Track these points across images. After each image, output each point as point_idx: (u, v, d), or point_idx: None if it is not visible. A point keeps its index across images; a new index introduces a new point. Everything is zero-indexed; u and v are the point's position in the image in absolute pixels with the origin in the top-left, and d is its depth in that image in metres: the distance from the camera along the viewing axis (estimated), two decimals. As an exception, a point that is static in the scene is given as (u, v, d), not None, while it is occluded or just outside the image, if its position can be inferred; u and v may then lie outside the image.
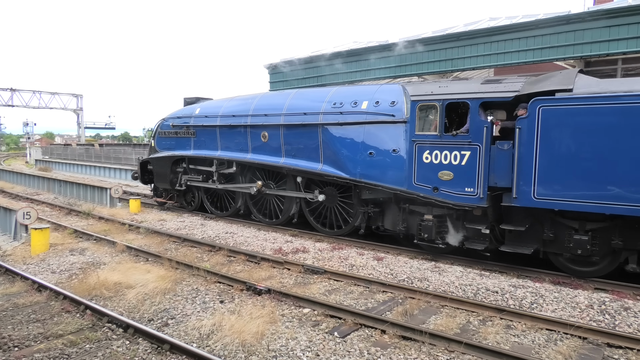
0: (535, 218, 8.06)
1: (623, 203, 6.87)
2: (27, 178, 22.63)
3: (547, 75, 8.31)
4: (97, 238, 10.81)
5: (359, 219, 10.33)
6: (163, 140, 14.81)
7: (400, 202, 9.50)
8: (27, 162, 41.47)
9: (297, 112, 10.93)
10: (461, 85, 8.75)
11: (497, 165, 8.00)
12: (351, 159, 9.88)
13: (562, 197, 7.35)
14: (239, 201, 12.97)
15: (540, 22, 12.83)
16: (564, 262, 8.02)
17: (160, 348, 5.29)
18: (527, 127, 7.56)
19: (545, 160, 7.46)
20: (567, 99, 7.29)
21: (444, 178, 8.48)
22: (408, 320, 6.10)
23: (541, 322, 5.99)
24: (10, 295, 7.12)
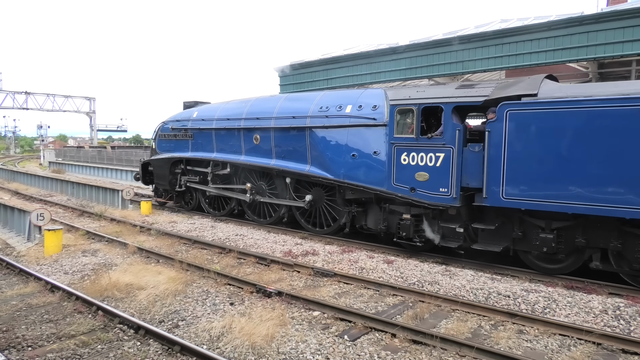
0: (506, 217, 8.36)
1: (585, 203, 7.17)
2: (41, 180, 22.95)
3: (516, 81, 8.65)
4: (109, 239, 10.91)
5: (344, 218, 10.76)
6: (163, 143, 15.41)
7: (381, 202, 9.91)
8: (41, 164, 42.06)
9: (287, 116, 11.41)
10: (437, 89, 9.16)
11: (469, 167, 8.35)
12: (335, 161, 10.33)
13: (529, 197, 7.66)
14: (233, 202, 13.51)
15: (552, 24, 12.70)
16: (532, 260, 8.33)
17: (170, 349, 5.31)
18: (495, 130, 7.90)
19: (513, 161, 7.79)
20: (532, 104, 7.66)
21: (420, 179, 8.86)
22: (419, 324, 6.06)
23: (554, 327, 5.90)
24: (24, 295, 7.21)
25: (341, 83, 17.53)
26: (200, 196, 14.53)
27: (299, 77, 19.07)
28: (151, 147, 16.52)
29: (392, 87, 11.38)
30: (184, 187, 14.54)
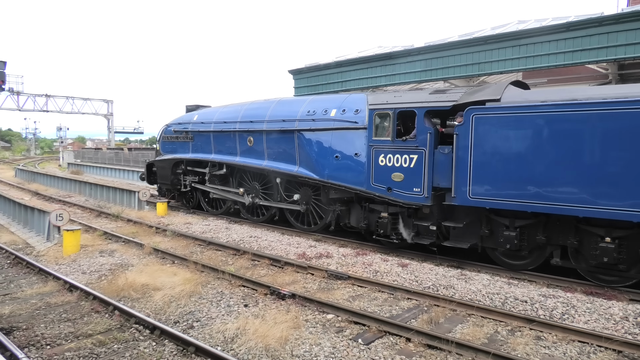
0: (474, 216, 8.81)
1: (543, 202, 7.58)
2: (60, 181, 23.38)
3: (483, 87, 9.16)
4: (125, 240, 11.05)
5: (329, 217, 11.29)
6: (166, 144, 16.16)
7: (361, 201, 10.41)
8: (60, 166, 42.86)
9: (278, 119, 12.00)
10: (413, 95, 9.71)
11: (439, 168, 8.82)
12: (320, 162, 10.88)
13: (493, 196, 8.10)
14: (229, 201, 14.25)
15: (571, 24, 12.50)
16: (499, 256, 8.77)
17: (185, 350, 5.35)
18: (463, 133, 8.36)
19: (478, 163, 8.23)
20: (495, 108, 8.10)
21: (396, 179, 9.35)
22: (433, 328, 6.00)
23: (573, 333, 5.78)
24: (44, 294, 7.34)
25: (356, 85, 17.49)
26: (200, 196, 15.28)
27: (313, 79, 19.10)
28: (155, 149, 17.37)
29: (373, 92, 11.88)
30: (189, 187, 15.12)
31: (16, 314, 6.48)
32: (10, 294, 7.39)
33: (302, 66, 19.55)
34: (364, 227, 10.36)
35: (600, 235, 7.49)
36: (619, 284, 7.57)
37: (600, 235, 7.49)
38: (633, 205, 6.81)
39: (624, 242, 7.36)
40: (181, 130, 15.34)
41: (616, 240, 7.35)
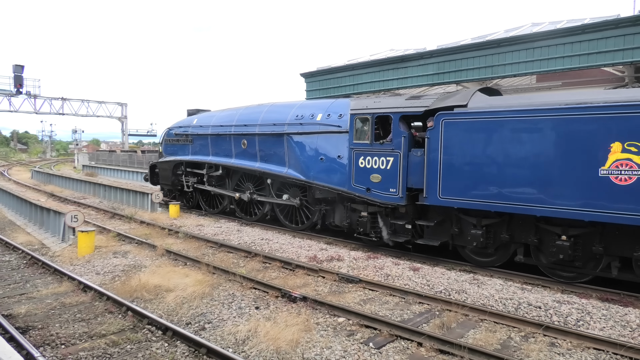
0: (445, 215, 9.29)
1: (506, 202, 8.03)
2: (75, 183, 23.73)
3: (453, 93, 9.77)
4: (138, 241, 11.17)
5: (315, 216, 11.85)
6: (168, 147, 17.00)
7: (344, 201, 10.92)
8: (75, 168, 43.48)
9: (269, 123, 12.65)
10: (390, 100, 10.17)
11: (413, 169, 9.31)
12: (307, 164, 11.48)
13: (461, 197, 8.56)
14: (226, 201, 14.91)
15: (586, 27, 12.34)
16: (468, 254, 9.24)
17: (197, 352, 5.38)
18: (433, 137, 8.85)
19: (447, 165, 8.71)
20: (462, 113, 8.61)
21: (374, 180, 9.81)
22: (445, 333, 5.95)
23: (588, 340, 5.69)
24: (59, 294, 7.45)
25: (367, 89, 17.48)
26: (198, 196, 15.96)
27: (325, 82, 19.12)
28: (158, 151, 18.15)
29: (357, 98, 12.29)
30: (190, 187, 15.78)
31: (32, 314, 6.59)
32: (27, 294, 7.52)
33: (314, 69, 19.60)
34: (346, 225, 10.92)
35: (558, 233, 7.89)
36: (576, 280, 8.00)
37: (558, 233, 7.89)
38: (584, 205, 7.26)
39: (579, 240, 7.79)
40: (182, 133, 16.12)
41: (572, 239, 7.77)
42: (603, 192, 7.08)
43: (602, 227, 7.53)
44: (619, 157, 6.97)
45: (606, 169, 7.07)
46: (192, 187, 15.73)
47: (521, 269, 8.69)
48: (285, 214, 12.91)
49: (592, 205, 7.20)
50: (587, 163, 7.22)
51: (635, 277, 7.44)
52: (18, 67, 38.71)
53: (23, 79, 39.75)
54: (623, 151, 6.92)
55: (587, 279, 7.90)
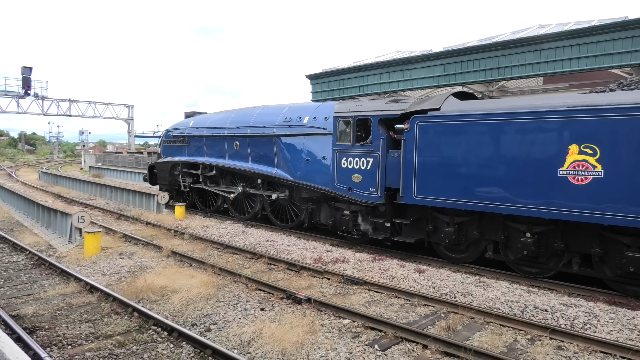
0: (420, 213, 9.74)
1: (475, 201, 8.44)
2: (82, 184, 23.87)
3: (428, 97, 10.24)
4: (144, 243, 11.22)
5: (303, 215, 12.33)
6: (166, 148, 17.56)
7: (328, 200, 11.41)
8: (82, 169, 43.75)
9: (259, 125, 13.18)
10: (371, 104, 10.55)
11: (391, 170, 9.71)
12: (294, 165, 11.98)
13: (435, 196, 8.99)
14: (220, 201, 15.49)
15: (594, 29, 12.28)
16: (442, 250, 9.66)
17: (202, 353, 5.39)
18: (409, 139, 9.28)
19: (422, 165, 9.15)
20: (435, 117, 9.02)
21: (355, 180, 10.24)
22: (451, 335, 5.93)
23: (595, 344, 5.65)
24: (65, 295, 7.49)
25: (373, 90, 17.47)
26: (195, 195, 16.50)
27: (330, 84, 19.14)
28: (157, 152, 18.81)
29: (341, 101, 12.55)
30: (188, 187, 16.28)
31: (39, 314, 6.63)
32: (34, 294, 7.57)
33: (319, 71, 19.61)
34: (330, 223, 11.45)
35: (523, 231, 8.31)
36: (540, 275, 8.39)
37: (523, 231, 8.31)
38: (545, 204, 7.64)
39: (542, 237, 8.20)
40: (179, 135, 16.70)
41: (535, 236, 8.17)
42: (562, 191, 7.48)
43: (564, 225, 7.90)
44: (575, 158, 7.38)
45: (564, 169, 7.46)
46: (189, 187, 16.25)
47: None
48: (276, 213, 13.34)
49: (552, 204, 7.58)
50: (548, 164, 7.61)
51: (595, 272, 7.84)
52: (26, 68, 39.03)
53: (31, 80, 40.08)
54: (579, 153, 7.33)
55: (551, 274, 8.30)
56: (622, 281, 7.57)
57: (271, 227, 13.26)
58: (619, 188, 6.99)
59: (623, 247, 7.39)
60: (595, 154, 7.17)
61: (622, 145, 7.00)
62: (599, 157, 7.15)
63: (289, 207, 12.91)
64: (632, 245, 7.26)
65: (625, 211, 6.93)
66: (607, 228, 7.43)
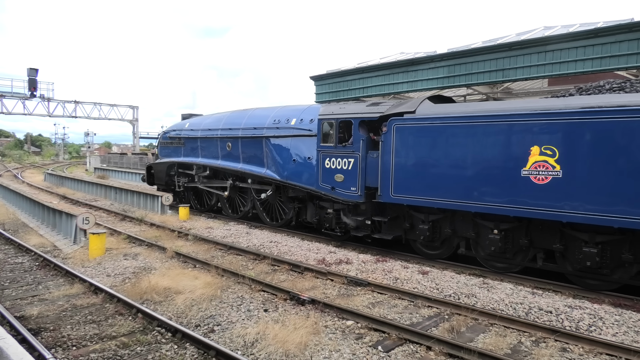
0: (398, 211, 10.18)
1: (447, 199, 8.87)
2: (87, 185, 23.98)
3: (405, 101, 10.79)
4: (148, 244, 11.25)
5: (290, 213, 12.80)
6: (163, 149, 18.17)
7: (313, 199, 11.86)
8: (87, 170, 43.95)
9: (250, 127, 13.67)
10: (353, 106, 11.01)
11: (370, 170, 10.18)
12: (282, 165, 12.42)
13: (410, 194, 9.43)
14: (214, 199, 16.02)
15: (599, 30, 12.21)
16: (418, 247, 10.10)
17: (206, 354, 5.40)
18: (386, 140, 9.73)
19: (398, 165, 9.57)
20: (410, 119, 9.48)
21: (338, 180, 10.70)
22: (455, 337, 5.91)
23: (601, 346, 5.62)
24: (70, 296, 7.53)
25: (377, 92, 17.45)
26: (190, 195, 17.02)
27: (334, 85, 19.13)
28: (155, 153, 19.46)
29: (327, 104, 13.09)
30: (182, 187, 16.86)
31: (44, 315, 6.66)
32: (39, 296, 7.61)
33: (323, 72, 19.62)
34: (315, 221, 11.90)
35: (491, 228, 8.74)
36: (507, 270, 8.82)
37: (491, 228, 8.74)
38: (509, 202, 8.06)
39: (509, 234, 8.62)
40: (175, 136, 17.25)
41: (502, 232, 8.61)
42: (525, 190, 7.89)
43: (528, 222, 8.33)
44: (537, 159, 7.78)
45: (527, 169, 7.88)
46: (184, 186, 16.79)
47: (532, 274, 8.61)
48: (266, 212, 13.81)
49: (516, 202, 8.01)
50: (512, 165, 8.04)
51: (557, 267, 8.24)
52: (32, 70, 39.23)
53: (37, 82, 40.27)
54: (540, 154, 7.74)
55: (517, 270, 8.73)
56: (581, 275, 7.99)
57: (275, 229, 13.28)
58: (575, 187, 7.40)
59: (581, 243, 7.79)
60: (555, 155, 7.59)
61: (578, 147, 7.43)
62: (557, 158, 7.57)
63: (278, 206, 13.36)
64: (589, 241, 7.67)
65: (582, 209, 7.34)
66: (566, 225, 7.83)
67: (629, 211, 6.93)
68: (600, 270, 7.68)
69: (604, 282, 7.80)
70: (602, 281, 7.81)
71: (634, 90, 7.83)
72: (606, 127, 7.17)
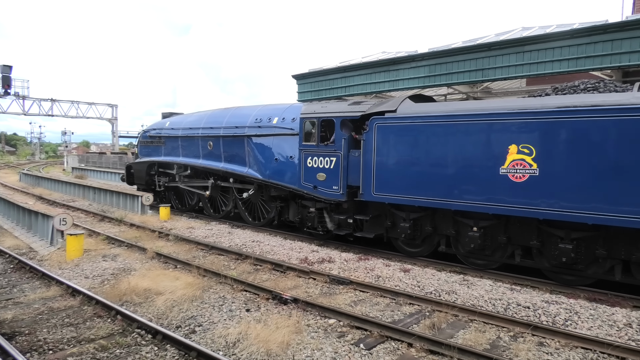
0: (380, 210, 10.24)
1: (427, 198, 8.98)
2: (64, 185, 23.47)
3: (386, 100, 10.82)
4: (128, 244, 11.08)
5: (273, 212, 12.74)
6: (143, 148, 17.89)
7: (295, 198, 11.85)
8: (64, 170, 43.02)
9: (232, 126, 13.55)
10: (334, 105, 11.02)
11: (352, 169, 10.20)
12: (264, 164, 12.38)
13: (391, 193, 9.49)
14: (195, 199, 15.90)
15: (575, 32, 12.48)
16: (400, 245, 10.20)
17: (187, 355, 5.35)
18: (368, 139, 9.79)
19: (380, 164, 9.63)
20: (391, 118, 9.54)
21: (320, 178, 10.69)
22: (435, 333, 5.98)
23: (576, 340, 5.76)
24: (47, 299, 7.36)
25: (359, 91, 17.50)
26: (171, 195, 16.89)
27: (317, 84, 19.12)
28: (134, 152, 19.15)
29: (309, 103, 12.96)
30: (162, 187, 16.73)
31: (19, 319, 6.50)
32: (13, 299, 7.42)
33: (306, 71, 19.59)
34: (297, 220, 11.90)
35: (471, 225, 8.86)
36: (487, 267, 8.97)
37: (471, 225, 8.86)
38: (488, 200, 8.20)
39: (488, 231, 8.76)
40: (155, 135, 17.02)
41: (481, 230, 8.74)
42: (503, 188, 8.03)
43: (506, 220, 8.47)
44: (515, 157, 7.93)
45: (505, 168, 8.02)
46: (164, 186, 16.63)
47: (511, 270, 8.77)
48: (248, 211, 13.76)
49: (494, 200, 8.15)
50: (491, 163, 8.17)
51: (534, 263, 8.42)
52: (6, 67, 38.19)
53: (11, 79, 39.22)
54: (518, 152, 7.89)
55: (496, 266, 8.90)
56: (557, 271, 8.18)
57: (257, 228, 13.22)
58: (551, 185, 7.56)
59: (557, 239, 7.97)
60: (532, 153, 7.74)
61: (554, 146, 7.58)
62: (534, 156, 7.72)
63: (260, 205, 13.32)
64: (565, 237, 7.86)
65: (558, 206, 7.52)
66: (543, 222, 8.00)
67: (602, 208, 7.12)
68: (576, 266, 7.88)
69: (579, 277, 8.00)
70: (577, 276, 8.02)
71: (607, 91, 8.02)
72: (580, 126, 7.35)
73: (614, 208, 7.02)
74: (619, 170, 7.02)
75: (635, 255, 7.31)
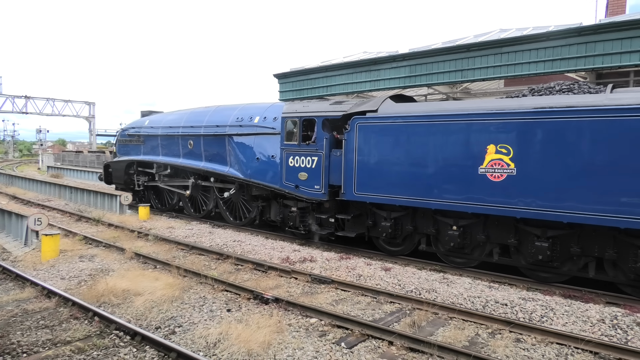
0: (361, 209, 10.31)
1: (408, 197, 9.07)
2: (39, 184, 22.90)
3: (368, 100, 10.82)
4: (106, 245, 10.88)
5: (254, 212, 12.72)
6: (121, 147, 17.71)
7: (277, 198, 11.84)
8: (40, 169, 41.98)
9: (213, 125, 13.52)
10: (316, 105, 11.03)
11: (334, 168, 10.24)
12: (245, 163, 12.37)
13: (372, 192, 9.56)
14: (175, 198, 15.74)
15: (551, 34, 12.76)
16: (381, 244, 10.27)
17: (167, 356, 5.29)
18: (349, 139, 9.86)
19: (361, 163, 9.70)
20: (372, 118, 9.62)
21: (302, 178, 10.71)
22: (416, 331, 6.05)
23: (552, 336, 5.90)
24: (20, 301, 7.17)
25: (341, 90, 17.53)
26: (150, 194, 16.72)
27: (298, 83, 19.07)
28: (113, 151, 19.02)
29: (291, 102, 12.98)
30: (141, 186, 16.50)
31: (-8, 321, 6.32)
32: (-14, 300, 7.21)
33: (287, 70, 19.54)
34: (279, 220, 11.87)
35: (450, 224, 9.00)
36: (466, 265, 9.13)
37: (450, 224, 9.00)
38: (467, 199, 8.34)
39: (467, 230, 8.90)
40: (134, 133, 16.81)
41: (461, 229, 8.87)
42: (481, 187, 8.18)
43: (485, 218, 8.62)
44: (493, 157, 8.08)
45: (484, 167, 8.17)
46: (144, 185, 16.43)
47: (490, 268, 8.92)
48: (230, 211, 13.71)
49: (473, 199, 8.28)
50: (470, 162, 8.30)
51: (512, 261, 8.60)
52: (-22, 64, 37.09)
53: (-17, 76, 38.09)
54: (496, 152, 8.05)
55: (475, 264, 9.05)
56: (534, 269, 8.38)
57: (239, 228, 13.14)
58: (528, 184, 7.73)
59: (534, 237, 8.14)
60: (509, 153, 7.91)
61: (530, 146, 7.75)
62: (512, 156, 7.89)
63: (241, 205, 13.27)
64: (541, 235, 8.04)
65: (534, 205, 7.69)
66: (520, 220, 8.15)
67: (577, 207, 7.31)
68: (551, 264, 8.06)
69: (554, 274, 8.20)
70: (553, 274, 8.21)
71: (582, 92, 8.23)
72: (556, 126, 7.53)
73: (588, 207, 7.21)
74: (592, 170, 7.22)
75: (608, 252, 7.52)
